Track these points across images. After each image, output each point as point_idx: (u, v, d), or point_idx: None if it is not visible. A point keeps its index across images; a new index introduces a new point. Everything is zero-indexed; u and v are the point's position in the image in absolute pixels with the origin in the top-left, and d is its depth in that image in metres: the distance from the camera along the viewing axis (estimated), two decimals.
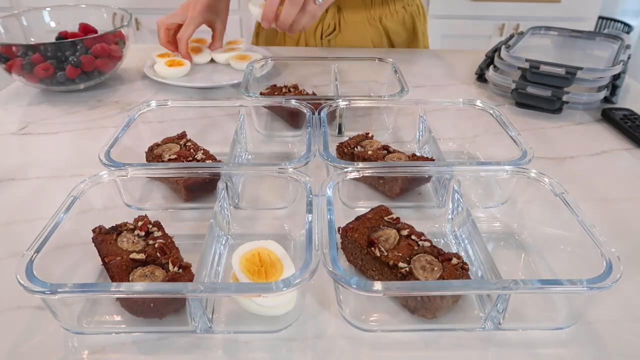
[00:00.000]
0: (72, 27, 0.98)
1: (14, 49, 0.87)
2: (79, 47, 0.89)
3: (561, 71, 0.83)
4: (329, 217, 0.49)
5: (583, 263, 0.47)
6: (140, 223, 0.53)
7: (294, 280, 0.41)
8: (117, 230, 0.53)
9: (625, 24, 2.46)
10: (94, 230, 0.52)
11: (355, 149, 0.68)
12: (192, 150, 0.66)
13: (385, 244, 0.51)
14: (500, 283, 0.43)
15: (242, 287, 0.43)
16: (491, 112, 0.70)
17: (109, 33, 0.91)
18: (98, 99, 0.91)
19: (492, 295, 0.44)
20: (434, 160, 0.66)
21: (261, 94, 0.84)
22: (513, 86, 0.87)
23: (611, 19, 2.51)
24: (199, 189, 0.62)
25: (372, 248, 0.50)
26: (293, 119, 0.79)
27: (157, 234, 0.53)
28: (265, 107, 0.81)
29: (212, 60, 1.03)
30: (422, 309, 0.47)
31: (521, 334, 0.46)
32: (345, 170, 0.57)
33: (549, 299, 0.49)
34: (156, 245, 0.50)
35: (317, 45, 1.14)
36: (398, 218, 0.54)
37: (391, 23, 1.13)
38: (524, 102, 0.87)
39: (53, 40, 0.95)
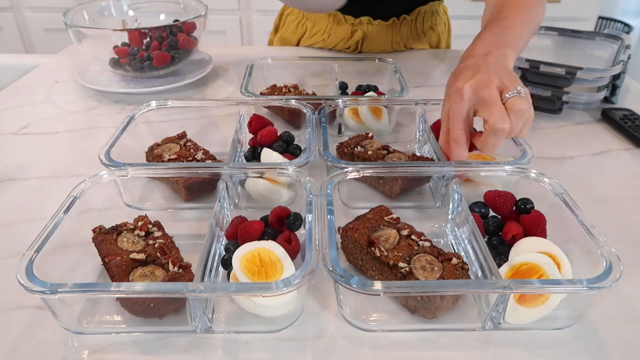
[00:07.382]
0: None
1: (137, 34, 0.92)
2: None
3: (561, 71, 0.83)
4: (329, 217, 0.49)
5: (583, 263, 0.47)
6: (140, 223, 0.53)
7: (294, 280, 0.41)
8: (117, 230, 0.53)
9: (625, 24, 2.46)
10: (94, 230, 0.52)
11: (355, 149, 0.68)
12: (192, 150, 0.66)
13: (385, 244, 0.51)
14: (500, 283, 0.43)
15: (242, 287, 0.43)
16: None
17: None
18: (98, 99, 0.91)
19: (492, 295, 0.44)
20: (434, 160, 0.66)
21: (261, 94, 0.84)
22: None
23: (611, 19, 2.51)
24: (199, 189, 0.62)
25: (372, 248, 0.50)
26: (293, 119, 0.79)
27: (157, 234, 0.53)
28: (265, 107, 0.81)
29: None
30: (422, 309, 0.47)
31: (521, 334, 0.46)
32: (345, 170, 0.57)
33: None
34: (156, 245, 0.50)
35: None
36: (398, 218, 0.54)
37: (416, 44, 1.12)
38: None
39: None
